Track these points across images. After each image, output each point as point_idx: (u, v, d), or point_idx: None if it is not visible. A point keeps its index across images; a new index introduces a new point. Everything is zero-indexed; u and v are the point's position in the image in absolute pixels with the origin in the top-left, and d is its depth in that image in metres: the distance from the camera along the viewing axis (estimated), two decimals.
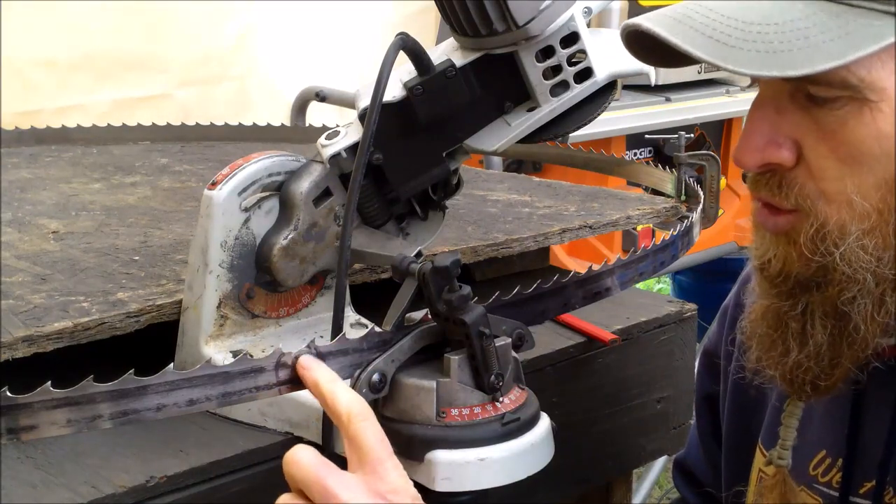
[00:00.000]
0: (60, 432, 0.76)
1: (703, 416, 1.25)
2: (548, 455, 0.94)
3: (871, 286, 0.83)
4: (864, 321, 0.85)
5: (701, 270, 3.47)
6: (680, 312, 1.36)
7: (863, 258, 0.82)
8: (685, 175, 1.44)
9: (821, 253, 0.84)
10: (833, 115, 0.81)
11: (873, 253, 0.82)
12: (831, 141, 0.81)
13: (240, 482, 0.95)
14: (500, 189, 1.60)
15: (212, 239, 0.99)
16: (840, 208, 0.83)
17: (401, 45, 0.98)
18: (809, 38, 0.76)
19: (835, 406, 0.96)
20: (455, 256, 0.88)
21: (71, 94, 2.38)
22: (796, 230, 0.86)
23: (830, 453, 0.96)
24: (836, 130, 0.81)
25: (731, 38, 0.78)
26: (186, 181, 1.65)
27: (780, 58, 0.76)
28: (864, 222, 0.82)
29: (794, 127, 0.83)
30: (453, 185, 1.09)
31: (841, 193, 0.82)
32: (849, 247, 0.82)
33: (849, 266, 0.83)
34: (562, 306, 1.03)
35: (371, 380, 0.88)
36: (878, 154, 0.80)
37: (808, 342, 0.88)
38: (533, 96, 1.01)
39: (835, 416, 0.96)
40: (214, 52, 2.62)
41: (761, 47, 0.77)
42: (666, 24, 0.82)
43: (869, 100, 0.79)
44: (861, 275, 0.83)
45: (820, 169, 0.83)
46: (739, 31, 0.78)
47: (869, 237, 0.82)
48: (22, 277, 1.15)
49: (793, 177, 0.85)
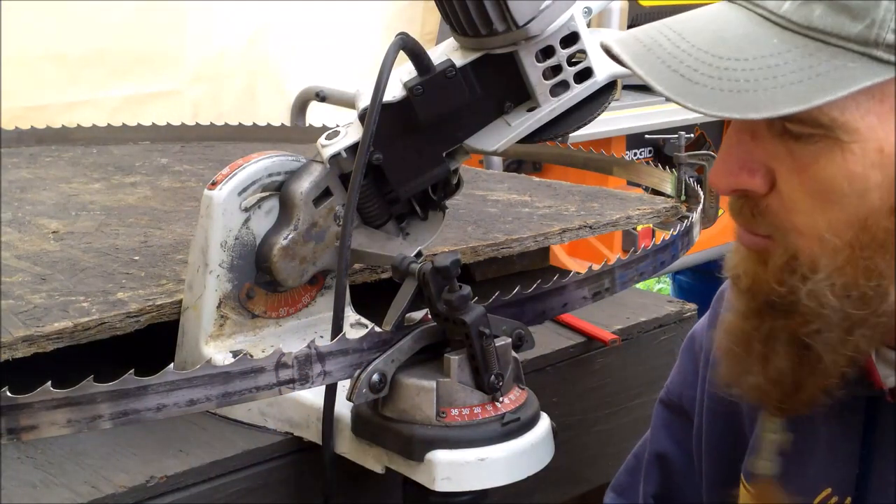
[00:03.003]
0: (60, 432, 0.76)
1: (652, 477, 1.18)
2: (548, 455, 0.94)
3: (836, 321, 0.81)
4: (828, 352, 0.83)
5: (701, 270, 3.47)
6: (680, 312, 1.36)
7: (829, 298, 0.80)
8: (685, 175, 1.44)
9: (787, 285, 0.82)
10: (807, 150, 0.78)
11: (841, 293, 0.80)
12: (803, 175, 0.79)
13: (240, 482, 0.95)
14: (500, 189, 1.60)
15: (212, 239, 0.99)
16: (811, 243, 0.81)
17: (401, 45, 0.98)
18: (777, 78, 0.74)
19: (840, 442, 0.93)
20: (455, 256, 0.88)
21: (81, 90, 2.38)
22: (768, 252, 0.84)
23: (837, 491, 0.93)
24: (809, 165, 0.79)
25: (695, 74, 0.76)
26: (186, 181, 1.65)
27: (743, 98, 0.74)
28: (836, 258, 0.80)
29: (769, 155, 0.81)
30: (453, 185, 1.09)
31: (812, 228, 0.80)
32: (817, 285, 0.80)
33: (815, 302, 0.81)
34: (562, 306, 1.03)
35: (371, 380, 0.88)
36: (849, 192, 0.78)
37: (768, 366, 0.87)
38: (533, 96, 1.01)
39: (840, 453, 0.93)
40: (227, 49, 2.63)
41: (725, 85, 0.75)
42: (633, 51, 0.80)
43: (840, 139, 0.76)
44: (827, 311, 0.81)
45: (792, 200, 0.81)
46: (706, 66, 0.76)
47: (838, 275, 0.80)
48: (22, 277, 1.15)
49: (766, 205, 0.83)
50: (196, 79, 2.57)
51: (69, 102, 2.32)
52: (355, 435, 0.95)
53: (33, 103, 2.27)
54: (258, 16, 2.66)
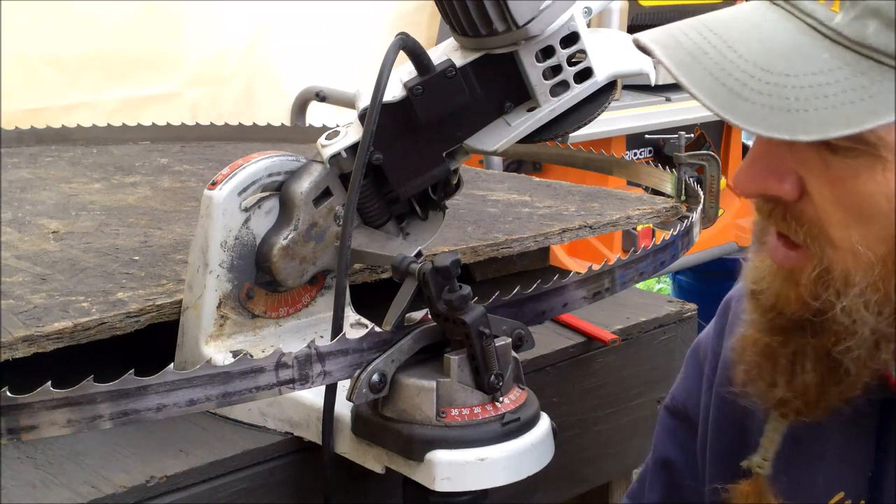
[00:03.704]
0: (60, 432, 0.76)
1: (657, 484, 1.16)
2: (548, 455, 0.94)
3: (867, 337, 0.80)
4: (856, 367, 0.82)
5: (701, 270, 3.47)
6: (680, 312, 1.36)
7: (864, 313, 0.79)
8: (685, 175, 1.44)
9: (822, 300, 0.81)
10: (845, 164, 0.77)
11: (874, 308, 0.79)
12: (839, 188, 0.78)
13: (240, 482, 0.95)
14: (500, 189, 1.60)
15: (212, 239, 0.99)
16: (845, 256, 0.79)
17: (401, 45, 0.98)
18: (829, 98, 0.72)
19: (853, 445, 0.93)
20: (455, 256, 0.88)
21: (79, 92, 2.38)
22: (800, 269, 0.82)
23: (850, 494, 0.93)
24: (846, 179, 0.77)
25: (744, 89, 0.73)
26: (186, 181, 1.65)
27: (793, 117, 0.72)
28: (870, 274, 0.79)
29: (801, 164, 0.80)
30: (453, 185, 1.09)
31: (845, 241, 0.79)
32: (852, 300, 0.79)
33: (849, 318, 0.80)
34: (562, 306, 1.03)
35: (371, 380, 0.88)
36: (886, 210, 0.77)
37: (795, 380, 0.86)
38: (533, 96, 1.01)
39: (854, 456, 0.92)
40: (227, 52, 2.63)
41: (775, 103, 0.72)
42: (678, 58, 0.77)
43: (883, 157, 0.75)
44: (860, 328, 0.80)
45: (825, 212, 0.79)
46: (754, 81, 0.73)
47: (872, 290, 0.79)
48: (22, 277, 1.15)
49: (799, 210, 0.81)
50: (195, 81, 2.57)
51: (67, 105, 2.32)
52: (355, 435, 0.94)
53: (31, 106, 2.27)
54: (257, 17, 2.66)
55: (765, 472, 0.98)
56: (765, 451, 0.98)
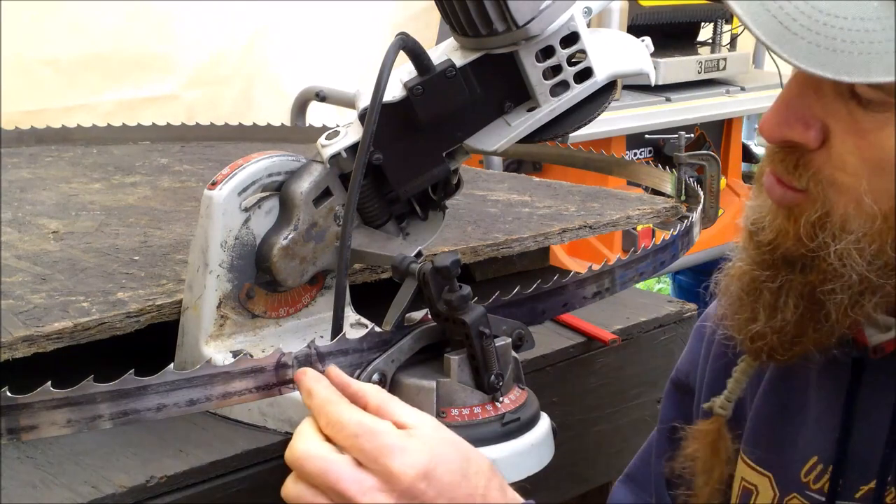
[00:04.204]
0: (60, 432, 0.76)
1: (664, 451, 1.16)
2: (548, 455, 0.94)
3: (853, 283, 0.82)
4: (837, 312, 0.84)
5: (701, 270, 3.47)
6: (680, 312, 1.36)
7: (856, 260, 0.81)
8: (685, 175, 1.44)
9: (817, 242, 0.83)
10: (872, 117, 0.79)
11: (867, 257, 0.81)
12: (862, 140, 0.80)
13: (240, 482, 0.95)
14: (500, 189, 1.60)
15: (212, 239, 0.99)
16: (848, 203, 0.81)
17: (401, 45, 0.98)
18: (874, 44, 0.73)
19: (828, 411, 0.95)
20: (455, 256, 0.88)
21: (77, 94, 2.38)
22: (800, 209, 0.84)
23: (822, 459, 0.95)
24: (871, 132, 0.79)
25: (794, 23, 0.74)
26: (186, 181, 1.65)
27: (837, 58, 0.73)
28: (869, 224, 0.81)
29: (828, 112, 0.81)
30: (453, 185, 1.09)
31: (854, 189, 0.81)
32: (846, 245, 0.81)
33: (839, 261, 0.82)
34: (562, 306, 1.03)
35: (371, 380, 0.88)
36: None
37: (776, 316, 0.88)
38: (533, 96, 1.01)
39: (827, 422, 0.95)
40: (224, 53, 2.62)
41: (822, 41, 0.74)
42: None
43: None
44: (848, 272, 0.82)
45: (842, 160, 0.81)
46: (804, 17, 0.74)
47: (868, 241, 0.81)
48: (22, 277, 1.15)
49: (810, 158, 0.83)
50: (192, 83, 2.57)
51: (65, 107, 2.32)
52: None
53: (29, 108, 2.27)
54: (255, 18, 2.66)
55: (726, 413, 0.99)
56: (729, 393, 1.00)
